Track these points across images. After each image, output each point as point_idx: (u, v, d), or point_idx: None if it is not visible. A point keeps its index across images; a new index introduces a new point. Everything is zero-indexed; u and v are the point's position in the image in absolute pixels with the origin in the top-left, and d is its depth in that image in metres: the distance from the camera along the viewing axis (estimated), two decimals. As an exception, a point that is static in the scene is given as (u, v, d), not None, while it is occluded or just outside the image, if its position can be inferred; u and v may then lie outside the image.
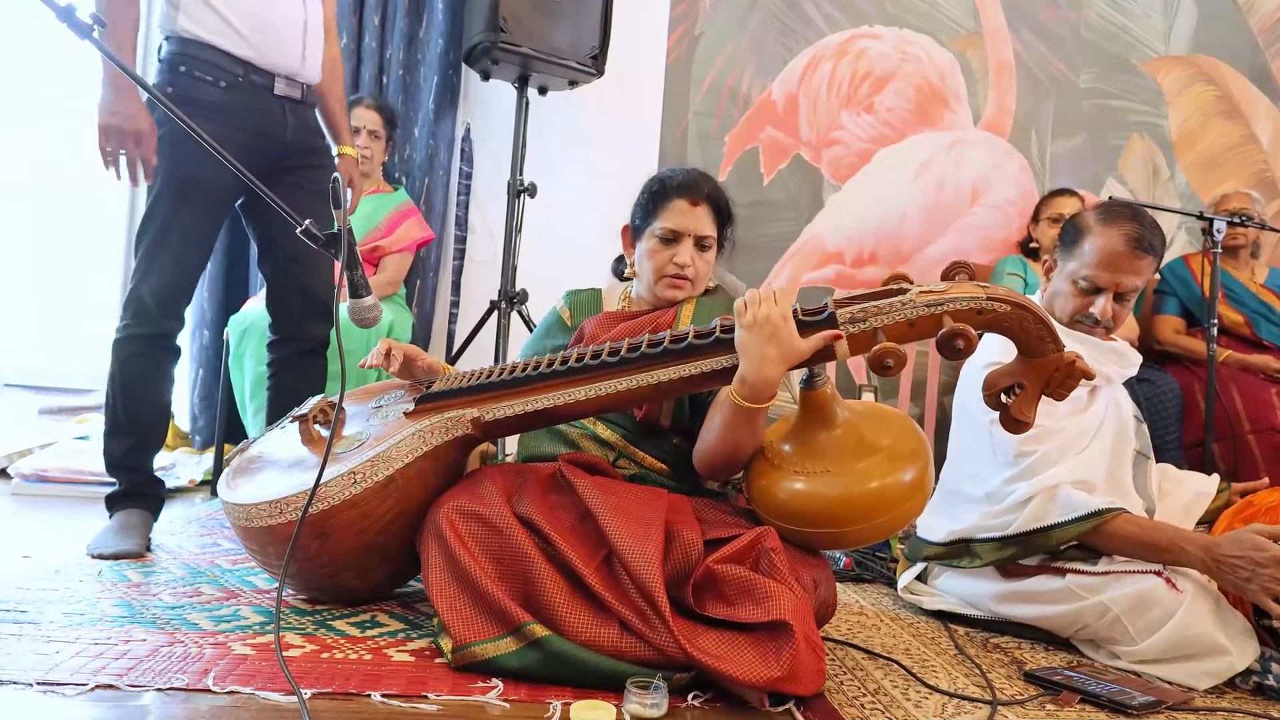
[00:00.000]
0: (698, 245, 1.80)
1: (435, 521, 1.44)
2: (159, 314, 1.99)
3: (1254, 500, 1.80)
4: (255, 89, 2.06)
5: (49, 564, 1.76)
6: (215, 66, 2.01)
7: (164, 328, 2.02)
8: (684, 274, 1.79)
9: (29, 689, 1.14)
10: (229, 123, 1.99)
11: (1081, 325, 1.86)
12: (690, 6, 3.64)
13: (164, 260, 1.99)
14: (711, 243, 1.82)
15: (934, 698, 1.41)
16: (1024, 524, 1.74)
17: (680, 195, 1.79)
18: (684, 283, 1.80)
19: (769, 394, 1.44)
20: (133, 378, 2.01)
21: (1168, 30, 3.99)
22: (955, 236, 3.81)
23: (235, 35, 2.01)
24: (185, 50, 2.00)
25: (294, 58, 2.11)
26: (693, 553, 1.38)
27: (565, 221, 3.48)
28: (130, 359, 2.00)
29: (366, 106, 3.06)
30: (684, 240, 1.79)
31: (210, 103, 1.99)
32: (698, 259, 1.80)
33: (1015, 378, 1.41)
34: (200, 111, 1.90)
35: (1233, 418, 3.00)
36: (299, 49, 2.12)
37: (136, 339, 2.00)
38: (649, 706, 1.21)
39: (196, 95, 1.98)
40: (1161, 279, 3.45)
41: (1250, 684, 1.56)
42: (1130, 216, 1.81)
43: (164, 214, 2.00)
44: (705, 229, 1.80)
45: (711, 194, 1.82)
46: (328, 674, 1.27)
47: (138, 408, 2.02)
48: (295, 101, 2.15)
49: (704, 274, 1.83)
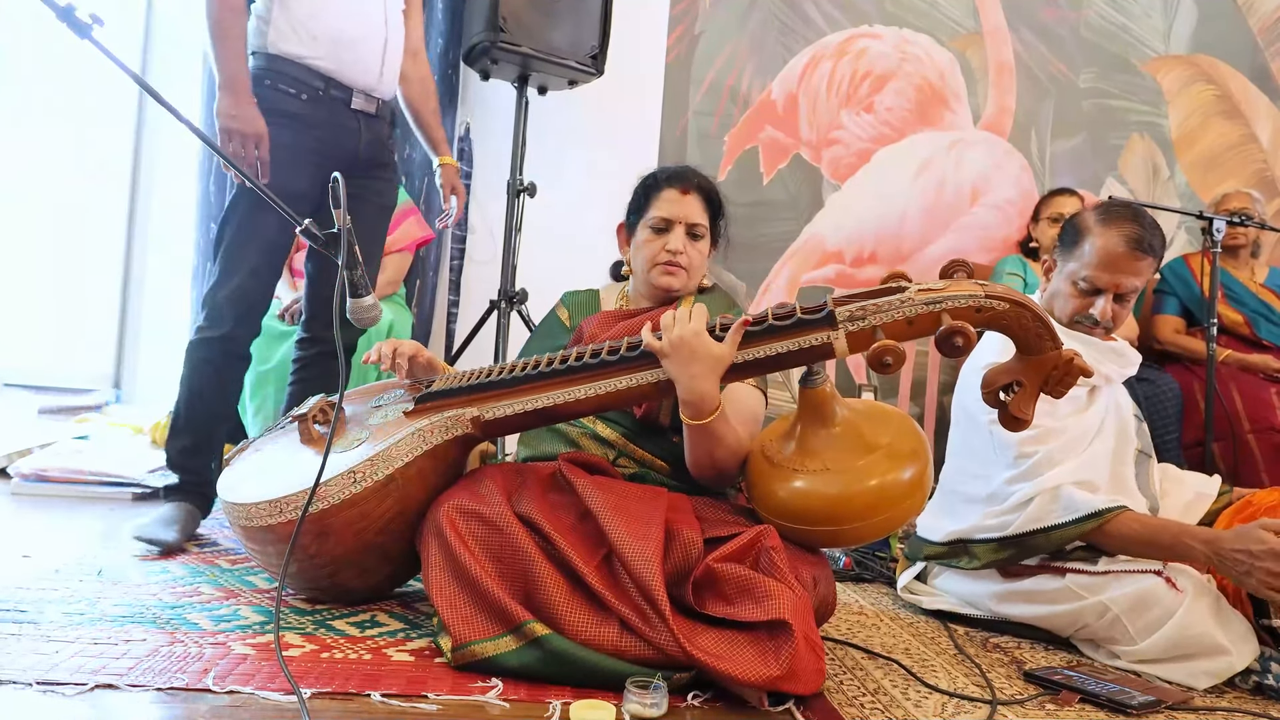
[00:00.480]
0: (690, 234, 1.82)
1: (435, 520, 1.44)
2: (231, 318, 2.05)
3: (1253, 499, 1.80)
4: (333, 102, 2.16)
5: (48, 564, 1.76)
6: (297, 80, 2.11)
7: (235, 332, 2.07)
8: (677, 260, 1.80)
9: (28, 689, 1.14)
10: (305, 132, 2.11)
11: (1081, 326, 1.86)
12: (690, 6, 3.64)
13: (239, 265, 2.06)
14: (704, 232, 1.84)
15: (934, 697, 1.41)
16: (1024, 525, 1.74)
17: (670, 185, 1.83)
18: (677, 270, 1.81)
19: (710, 406, 1.48)
20: (198, 381, 2.07)
21: (1167, 30, 4.00)
22: (955, 236, 3.82)
23: (319, 52, 2.10)
24: (272, 65, 2.10)
25: (372, 74, 2.20)
26: (692, 551, 1.38)
27: (565, 221, 3.48)
28: (200, 363, 2.07)
29: None
30: (675, 228, 1.81)
31: (290, 113, 2.09)
32: (690, 247, 1.81)
33: (1014, 375, 1.41)
34: (281, 120, 2.04)
35: (1232, 417, 2.99)
36: (378, 66, 2.21)
37: (208, 342, 2.06)
38: (649, 706, 1.21)
39: (279, 106, 2.07)
40: (1161, 278, 3.45)
41: (1250, 684, 1.56)
42: (1130, 217, 1.81)
43: (239, 220, 2.07)
44: (696, 216, 1.82)
45: (701, 184, 1.85)
46: (327, 673, 1.26)
47: (198, 411, 2.09)
48: (370, 116, 2.23)
49: (697, 264, 1.84)
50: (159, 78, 3.31)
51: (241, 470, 1.71)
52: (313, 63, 2.11)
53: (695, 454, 1.58)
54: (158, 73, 3.36)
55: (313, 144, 2.10)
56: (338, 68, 2.14)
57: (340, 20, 2.13)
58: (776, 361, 1.45)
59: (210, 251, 3.13)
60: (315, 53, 2.10)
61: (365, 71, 2.18)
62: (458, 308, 3.47)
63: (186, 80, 3.20)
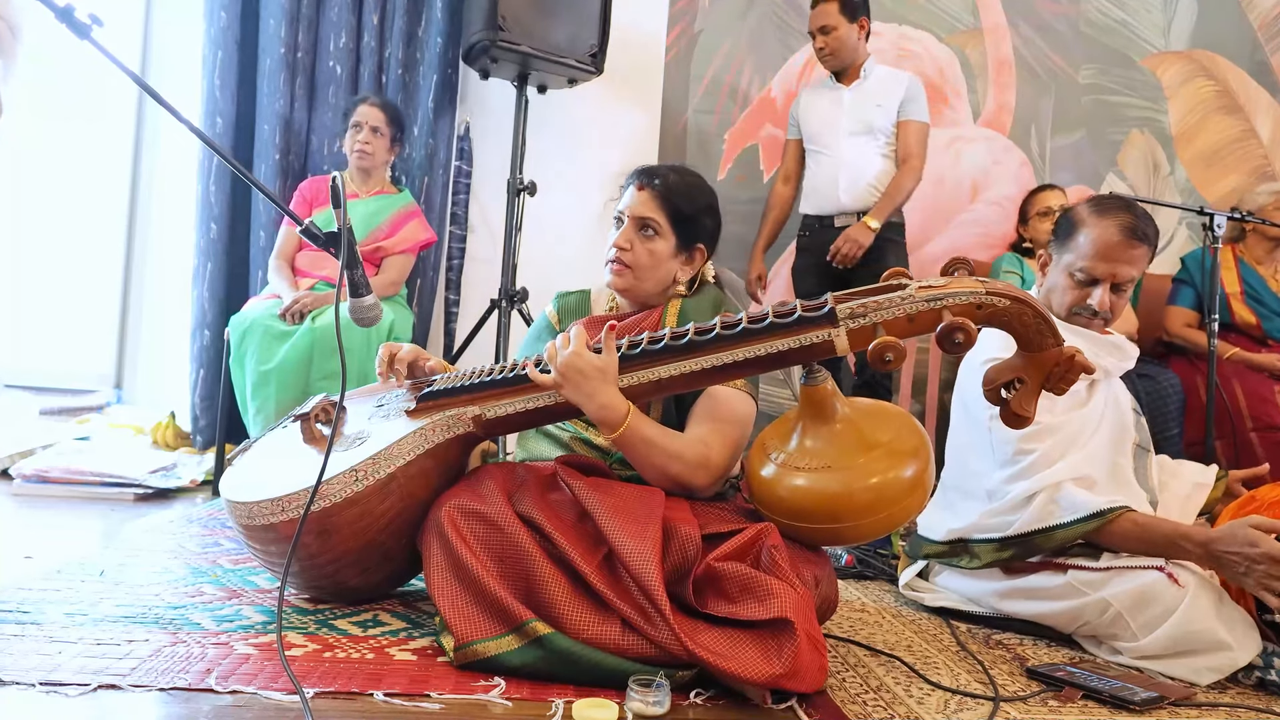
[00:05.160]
0: (640, 229, 1.74)
1: (436, 520, 1.44)
2: None
3: (1256, 495, 1.80)
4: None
5: (50, 564, 1.76)
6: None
7: None
8: (620, 257, 1.74)
9: (32, 689, 1.14)
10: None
11: (1080, 318, 1.86)
12: (689, 4, 3.64)
13: None
14: (657, 227, 1.74)
15: (936, 694, 1.41)
16: (1026, 525, 1.73)
17: (633, 180, 1.79)
18: (620, 268, 1.74)
19: (618, 416, 1.49)
20: None
21: (1167, 25, 3.99)
22: (955, 233, 3.82)
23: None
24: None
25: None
26: (690, 547, 1.38)
27: (565, 220, 3.48)
28: None
29: (371, 104, 3.06)
30: (627, 223, 1.75)
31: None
32: (638, 244, 1.74)
33: (1015, 373, 1.41)
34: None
35: (1234, 415, 2.98)
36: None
37: None
38: (651, 704, 1.21)
39: None
40: (1182, 265, 3.41)
41: (1252, 679, 1.56)
42: (1123, 207, 1.83)
43: None
44: (645, 211, 1.74)
45: (665, 181, 1.75)
46: (330, 673, 1.27)
47: None
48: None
49: (645, 263, 1.74)
50: (158, 78, 3.31)
51: (243, 469, 1.71)
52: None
53: (641, 469, 1.56)
54: (157, 73, 3.36)
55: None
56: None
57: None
58: (778, 359, 1.45)
59: (210, 251, 3.14)
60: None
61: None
62: (458, 307, 3.47)
63: (186, 80, 3.21)
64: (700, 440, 1.58)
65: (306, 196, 3.07)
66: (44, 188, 3.36)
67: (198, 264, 3.19)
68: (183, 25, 3.32)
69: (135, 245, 3.47)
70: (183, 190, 3.28)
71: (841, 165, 3.10)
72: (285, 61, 3.21)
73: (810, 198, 3.22)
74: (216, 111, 3.17)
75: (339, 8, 3.27)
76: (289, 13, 3.20)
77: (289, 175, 3.27)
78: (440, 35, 3.32)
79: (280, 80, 3.21)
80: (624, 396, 1.51)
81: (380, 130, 3.06)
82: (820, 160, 3.17)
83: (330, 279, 2.91)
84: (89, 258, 3.41)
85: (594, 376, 1.48)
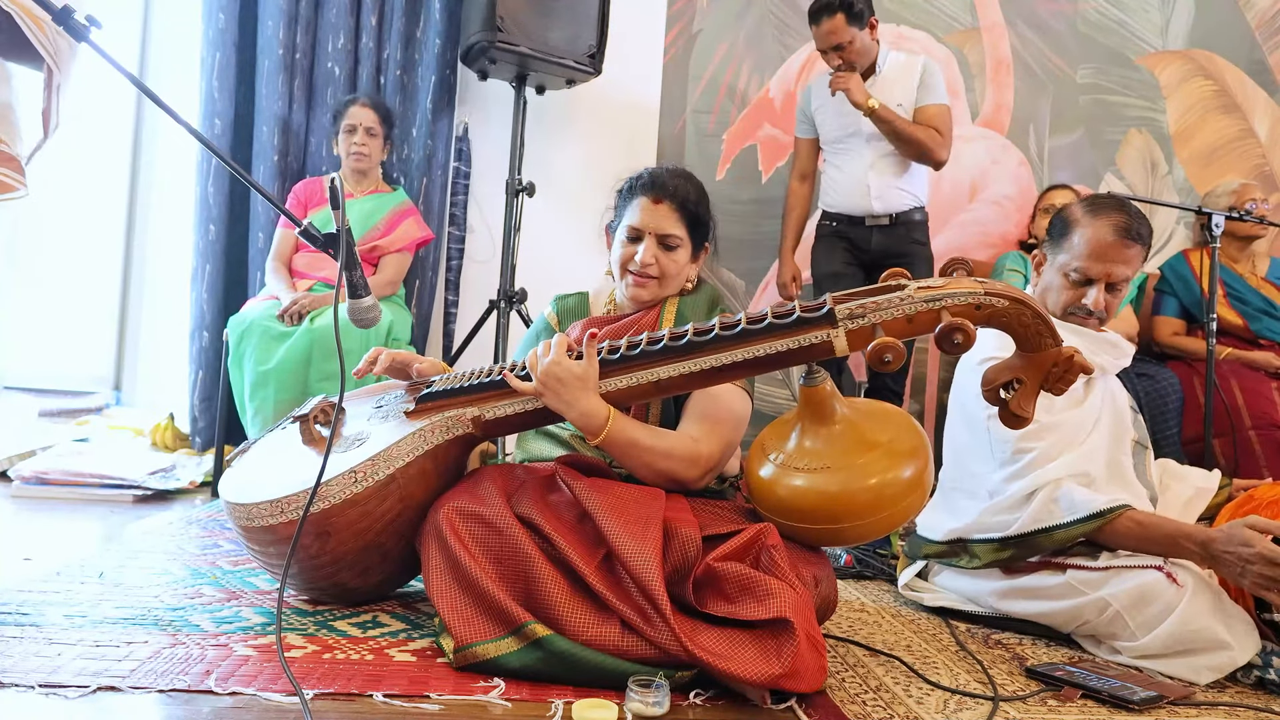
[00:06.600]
0: (662, 244, 1.76)
1: (435, 522, 1.45)
2: None
3: (1254, 494, 1.80)
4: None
5: (50, 566, 1.76)
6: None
7: None
8: (646, 272, 1.76)
9: (31, 691, 1.14)
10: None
11: (1075, 317, 1.86)
12: (687, 4, 3.64)
13: None
14: (678, 242, 1.77)
15: (936, 694, 1.41)
16: (1026, 524, 1.73)
17: (644, 193, 1.77)
18: (647, 281, 1.77)
19: (598, 422, 1.51)
20: None
21: (1165, 25, 3.99)
22: (954, 232, 3.82)
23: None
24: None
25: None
26: (691, 548, 1.38)
27: (564, 220, 3.48)
28: None
29: (362, 105, 3.06)
30: (646, 239, 1.76)
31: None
32: (663, 257, 1.76)
33: (1014, 373, 1.41)
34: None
35: (1233, 413, 2.98)
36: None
37: None
38: (651, 705, 1.21)
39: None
40: (1161, 277, 3.43)
41: (1251, 678, 1.56)
42: (1117, 206, 1.83)
43: None
44: (668, 227, 1.75)
45: (678, 192, 1.77)
46: (330, 674, 1.27)
47: None
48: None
49: (671, 272, 1.78)
50: (157, 80, 3.31)
51: (242, 471, 1.71)
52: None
53: (631, 469, 1.58)
54: (155, 75, 3.36)
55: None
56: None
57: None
58: (777, 359, 1.45)
59: (208, 253, 3.14)
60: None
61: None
62: (456, 307, 3.47)
63: (184, 82, 3.21)
64: (690, 436, 1.59)
65: (301, 198, 3.07)
66: (44, 189, 3.35)
67: (196, 265, 3.18)
68: (181, 27, 3.32)
69: (134, 247, 3.47)
70: (181, 192, 3.28)
71: (868, 170, 3.02)
72: (284, 63, 3.21)
73: (832, 197, 3.12)
74: (215, 113, 3.17)
75: (337, 9, 3.27)
76: (287, 14, 3.20)
77: (287, 177, 3.27)
78: (438, 36, 3.32)
79: (279, 82, 3.21)
80: (606, 402, 1.52)
81: (374, 130, 3.07)
82: (843, 165, 3.09)
83: (328, 280, 2.91)
84: (88, 259, 3.41)
85: (573, 385, 1.49)
